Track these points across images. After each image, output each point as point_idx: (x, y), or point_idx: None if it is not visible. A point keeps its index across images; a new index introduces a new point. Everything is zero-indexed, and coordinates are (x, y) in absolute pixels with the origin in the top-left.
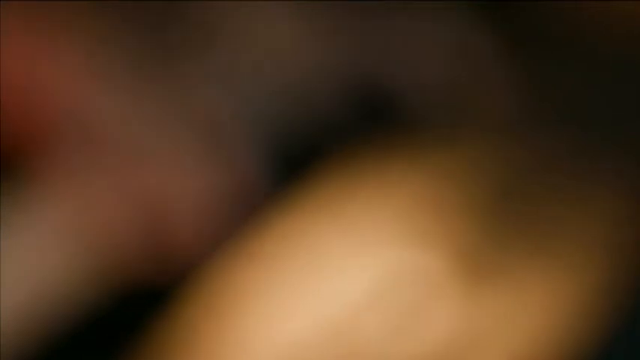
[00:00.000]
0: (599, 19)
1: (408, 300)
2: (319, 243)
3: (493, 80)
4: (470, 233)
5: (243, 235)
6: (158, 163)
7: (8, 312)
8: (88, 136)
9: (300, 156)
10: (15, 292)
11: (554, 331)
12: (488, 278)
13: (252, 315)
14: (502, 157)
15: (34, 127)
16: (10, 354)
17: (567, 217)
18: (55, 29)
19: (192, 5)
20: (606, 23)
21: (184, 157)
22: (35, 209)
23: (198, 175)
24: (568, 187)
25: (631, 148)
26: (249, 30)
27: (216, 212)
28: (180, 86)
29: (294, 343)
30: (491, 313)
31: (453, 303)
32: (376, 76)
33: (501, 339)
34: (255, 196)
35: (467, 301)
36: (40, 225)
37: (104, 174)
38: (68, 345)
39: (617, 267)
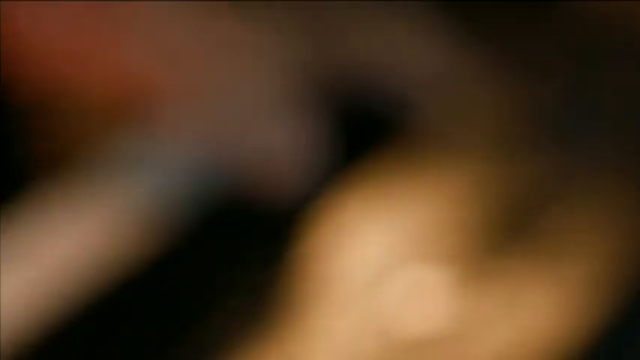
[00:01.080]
0: (599, 19)
1: (406, 294)
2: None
3: (488, 85)
4: (471, 243)
5: None
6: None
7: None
8: (186, 92)
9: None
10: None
11: (552, 327)
12: (487, 277)
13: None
14: (504, 164)
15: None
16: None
17: (569, 222)
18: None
19: None
20: (606, 23)
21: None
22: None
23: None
24: (570, 193)
25: (632, 146)
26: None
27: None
28: None
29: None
30: (489, 308)
31: (451, 297)
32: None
33: (497, 332)
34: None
35: (464, 296)
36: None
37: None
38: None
39: (618, 266)
